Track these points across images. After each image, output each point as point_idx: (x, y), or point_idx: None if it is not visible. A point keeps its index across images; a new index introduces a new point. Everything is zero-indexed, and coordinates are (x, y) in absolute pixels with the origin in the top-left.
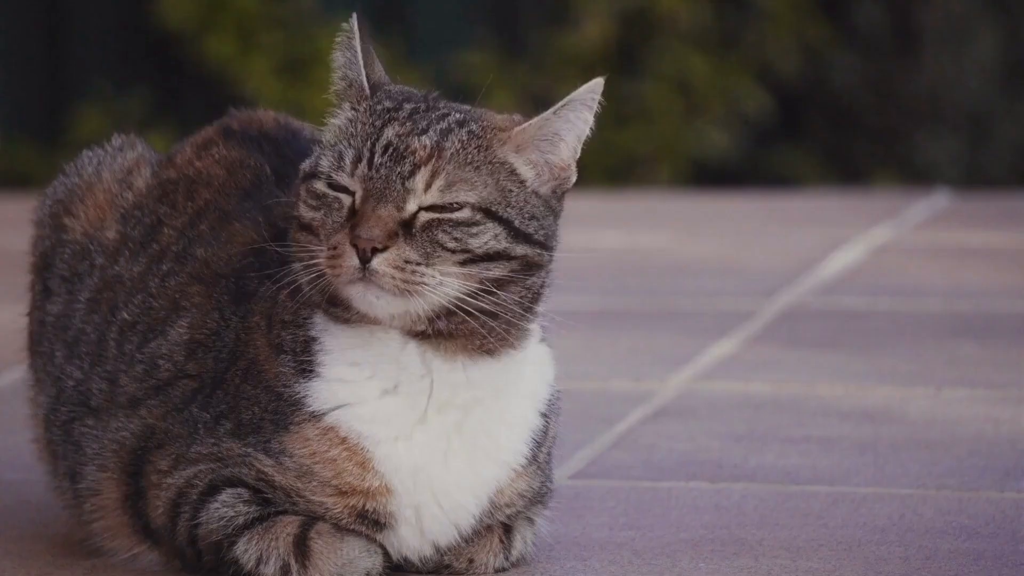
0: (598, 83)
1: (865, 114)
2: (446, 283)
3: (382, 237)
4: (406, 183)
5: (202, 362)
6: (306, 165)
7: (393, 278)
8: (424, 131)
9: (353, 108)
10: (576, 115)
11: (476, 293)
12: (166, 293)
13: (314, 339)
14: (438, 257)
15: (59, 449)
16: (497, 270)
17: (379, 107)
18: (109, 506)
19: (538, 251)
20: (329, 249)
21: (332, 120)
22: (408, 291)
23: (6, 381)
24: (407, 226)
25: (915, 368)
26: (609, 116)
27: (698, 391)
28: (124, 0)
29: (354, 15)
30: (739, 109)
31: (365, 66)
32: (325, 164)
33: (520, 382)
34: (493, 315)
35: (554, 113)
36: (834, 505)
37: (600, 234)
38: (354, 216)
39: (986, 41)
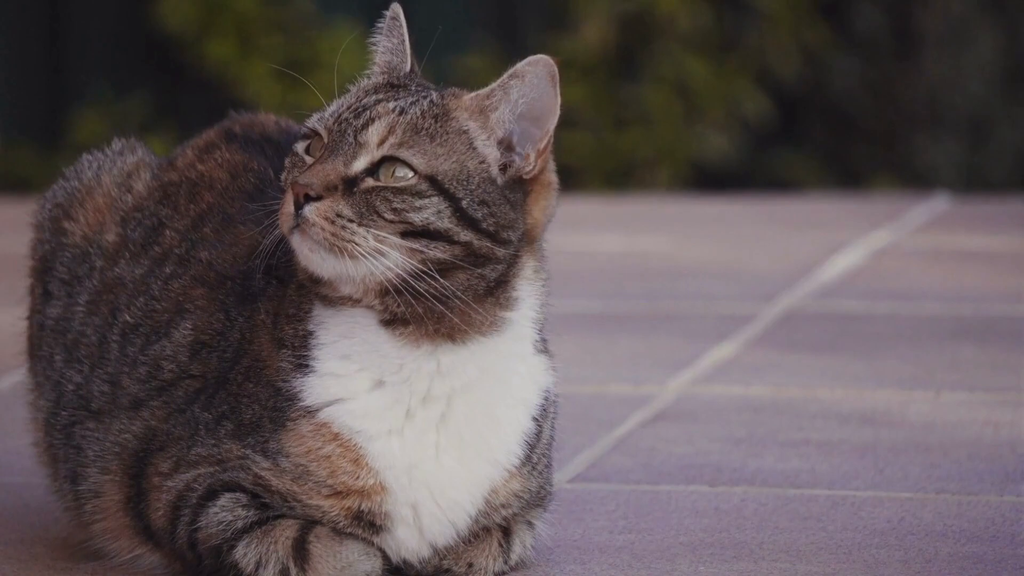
0: (539, 58)
1: (864, 117)
2: (386, 253)
3: (318, 186)
4: (358, 136)
5: (206, 362)
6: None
7: (323, 229)
8: (397, 99)
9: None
10: (519, 83)
11: (418, 274)
12: (169, 295)
13: (311, 333)
14: (373, 221)
15: (60, 452)
16: (439, 251)
17: (388, 83)
18: (111, 508)
19: (487, 243)
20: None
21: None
22: (338, 247)
23: (6, 385)
24: (351, 184)
25: (915, 371)
26: (608, 120)
27: (697, 395)
28: (124, 3)
29: (395, 2)
30: (738, 112)
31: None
32: (314, 117)
33: (506, 375)
34: (441, 300)
35: (500, 83)
36: (833, 509)
37: (600, 237)
38: None
39: (985, 44)
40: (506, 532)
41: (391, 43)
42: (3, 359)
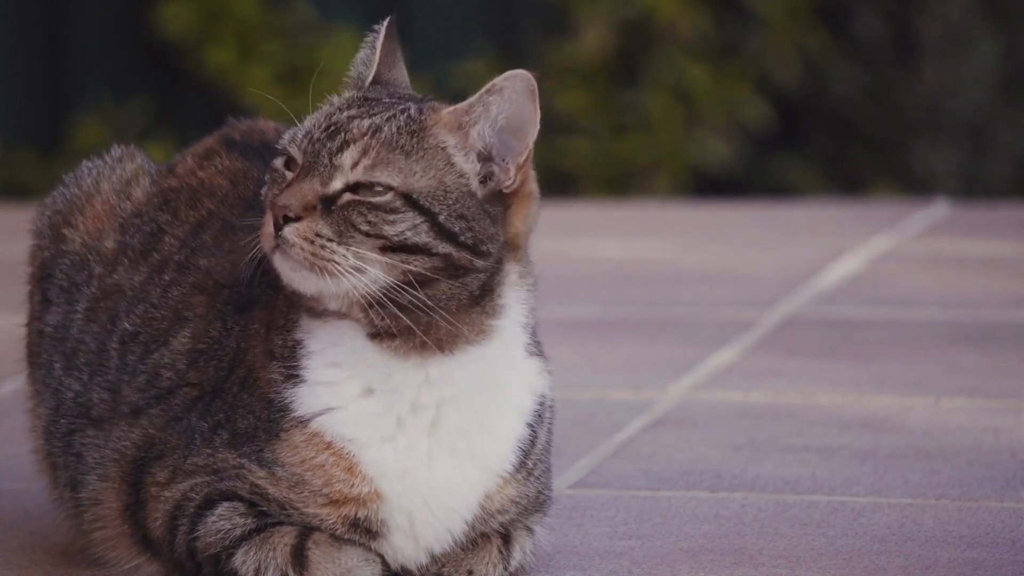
0: (517, 72)
1: (864, 124)
2: (365, 269)
3: (297, 207)
4: (333, 159)
5: (203, 370)
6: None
7: (302, 249)
8: (372, 115)
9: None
10: (498, 98)
11: (399, 287)
12: (168, 303)
13: (299, 342)
14: (352, 238)
15: (59, 460)
16: (417, 264)
17: (363, 96)
18: (109, 515)
19: (465, 255)
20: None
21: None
22: (318, 266)
23: (6, 391)
24: (328, 203)
25: (915, 377)
26: (608, 125)
27: (698, 400)
28: (124, 10)
29: (389, 19)
30: (739, 118)
31: (380, 63)
32: (286, 136)
33: (498, 382)
34: (424, 311)
35: (478, 98)
36: (833, 514)
37: (599, 243)
38: None
39: (986, 51)
40: (506, 538)
41: (363, 54)
42: (3, 365)
